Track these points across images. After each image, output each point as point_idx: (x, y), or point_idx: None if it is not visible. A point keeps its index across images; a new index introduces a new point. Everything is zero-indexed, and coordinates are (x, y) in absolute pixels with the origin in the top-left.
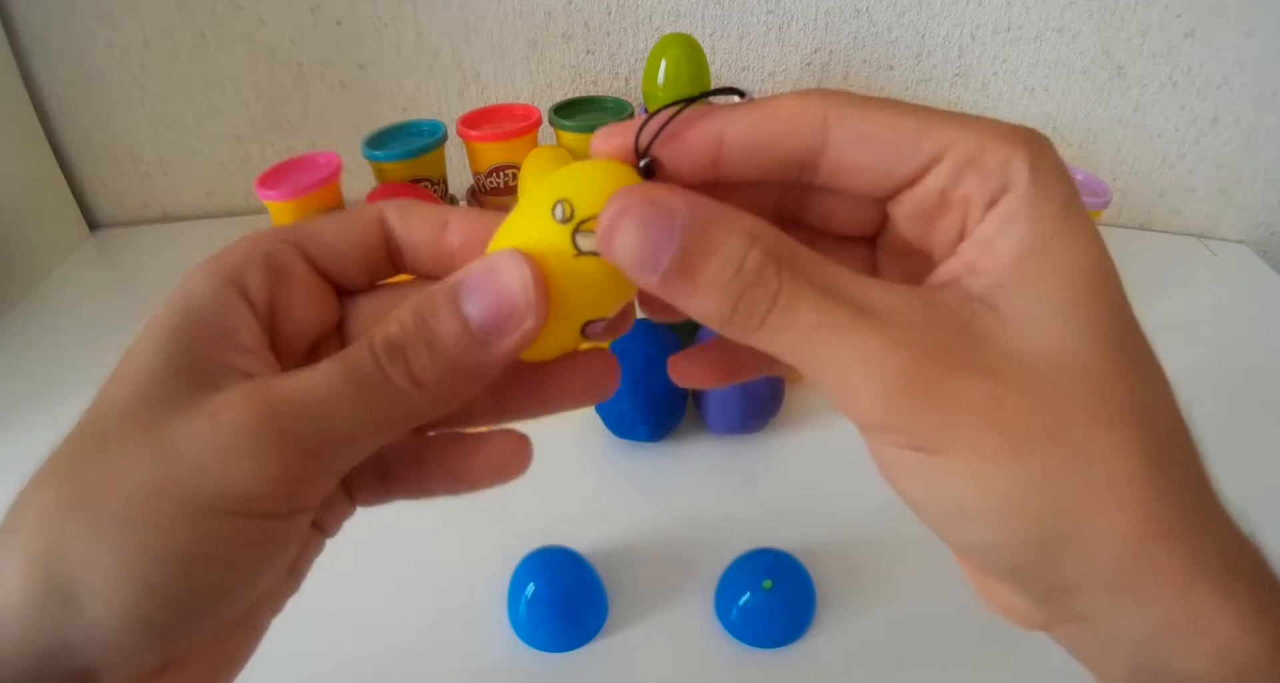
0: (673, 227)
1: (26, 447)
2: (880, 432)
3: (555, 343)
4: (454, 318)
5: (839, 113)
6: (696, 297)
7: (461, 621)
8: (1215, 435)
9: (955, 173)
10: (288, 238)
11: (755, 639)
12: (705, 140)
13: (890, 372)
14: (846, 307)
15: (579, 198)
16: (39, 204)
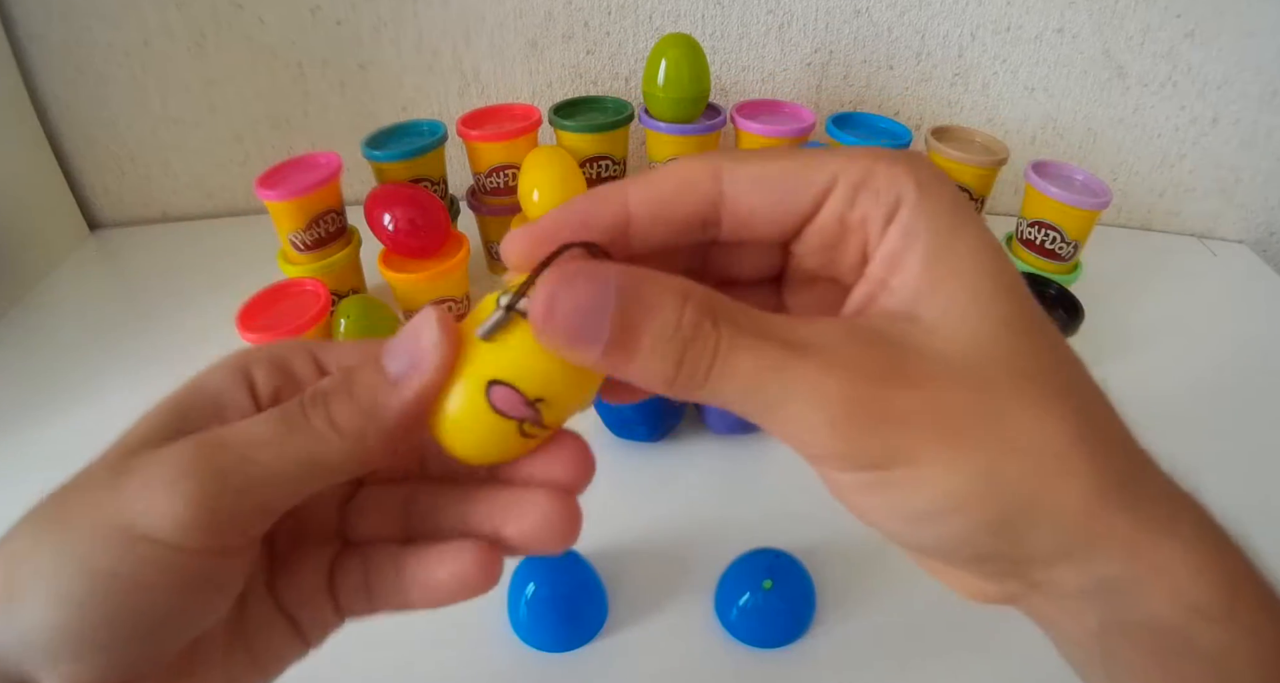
0: (605, 297)
1: (26, 446)
2: (832, 460)
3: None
4: (375, 371)
5: (730, 165)
6: (639, 362)
7: (461, 621)
8: (1216, 435)
9: (849, 197)
10: (309, 350)
11: (755, 639)
12: (613, 214)
13: (832, 398)
14: (781, 346)
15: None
16: (39, 204)
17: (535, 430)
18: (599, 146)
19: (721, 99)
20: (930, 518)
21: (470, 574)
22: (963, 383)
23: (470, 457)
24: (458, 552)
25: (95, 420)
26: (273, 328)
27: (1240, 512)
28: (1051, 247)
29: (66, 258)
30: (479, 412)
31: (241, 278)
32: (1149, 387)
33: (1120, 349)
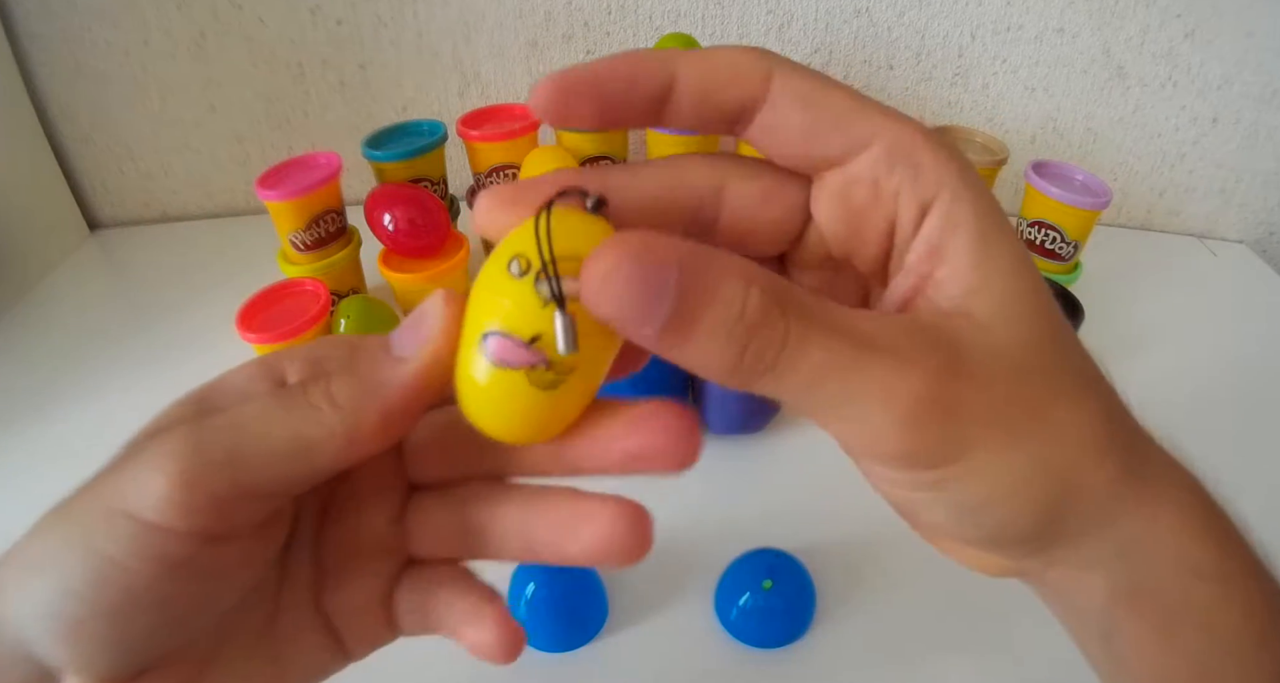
0: (666, 274)
1: (26, 446)
2: (893, 459)
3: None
4: (380, 348)
5: (782, 72)
6: (697, 346)
7: None
8: (1216, 435)
9: (887, 163)
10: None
11: (755, 639)
12: (660, 79)
13: (901, 399)
14: (850, 341)
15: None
16: (39, 204)
17: (548, 376)
18: (599, 146)
19: None
20: (981, 508)
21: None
22: (1014, 379)
23: (498, 428)
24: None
25: (95, 420)
26: (272, 328)
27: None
28: (1051, 247)
29: (66, 258)
30: (481, 371)
31: (241, 278)
32: (1149, 387)
33: (1120, 349)
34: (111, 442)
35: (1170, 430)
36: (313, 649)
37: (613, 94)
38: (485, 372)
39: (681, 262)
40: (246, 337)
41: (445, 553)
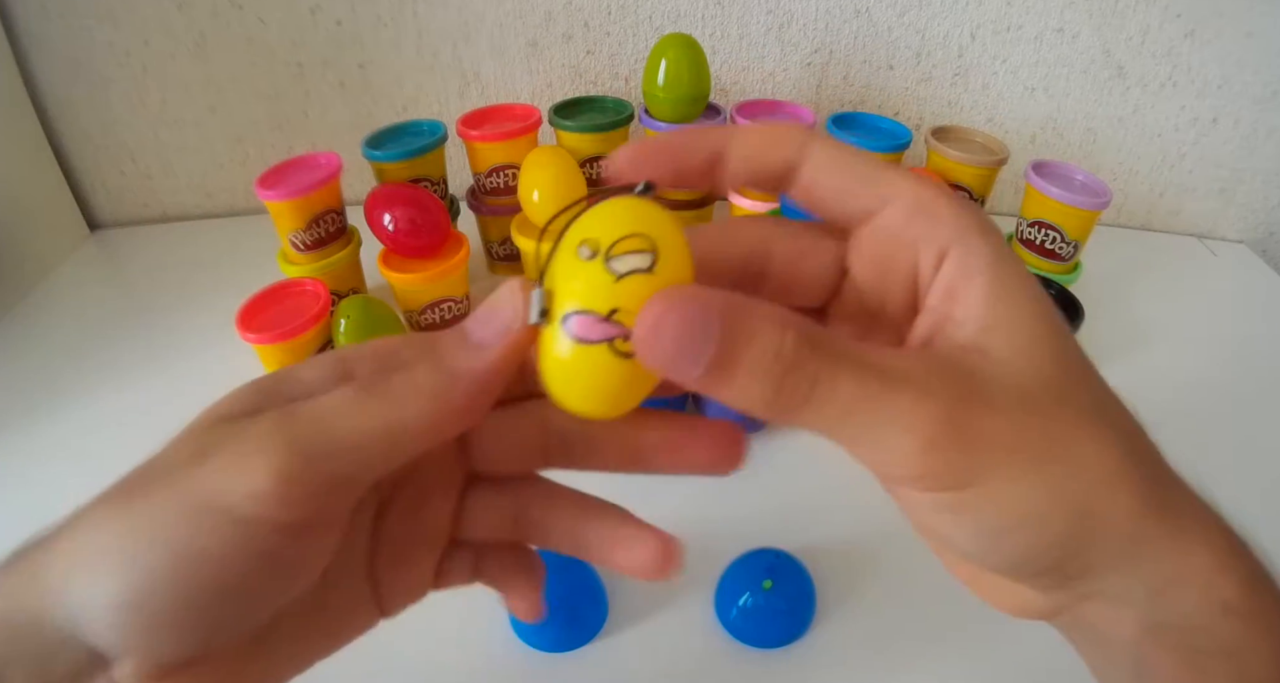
0: (710, 321)
1: (27, 446)
2: (915, 482)
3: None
4: (458, 335)
5: (817, 141)
6: (738, 384)
7: (461, 621)
8: (1216, 435)
9: (908, 216)
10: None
11: (755, 639)
12: (713, 146)
13: (924, 423)
14: (875, 374)
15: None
16: (39, 204)
17: (628, 346)
18: (599, 146)
19: (721, 99)
20: (1004, 533)
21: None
22: (1030, 410)
23: (583, 403)
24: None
25: (95, 420)
26: (273, 328)
27: (1240, 510)
28: (1051, 247)
29: (66, 258)
30: (565, 349)
31: (241, 278)
32: (1149, 387)
33: (1120, 349)
34: (111, 441)
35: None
36: (360, 616)
37: (677, 161)
38: (569, 349)
39: (723, 310)
40: (246, 337)
41: (496, 537)
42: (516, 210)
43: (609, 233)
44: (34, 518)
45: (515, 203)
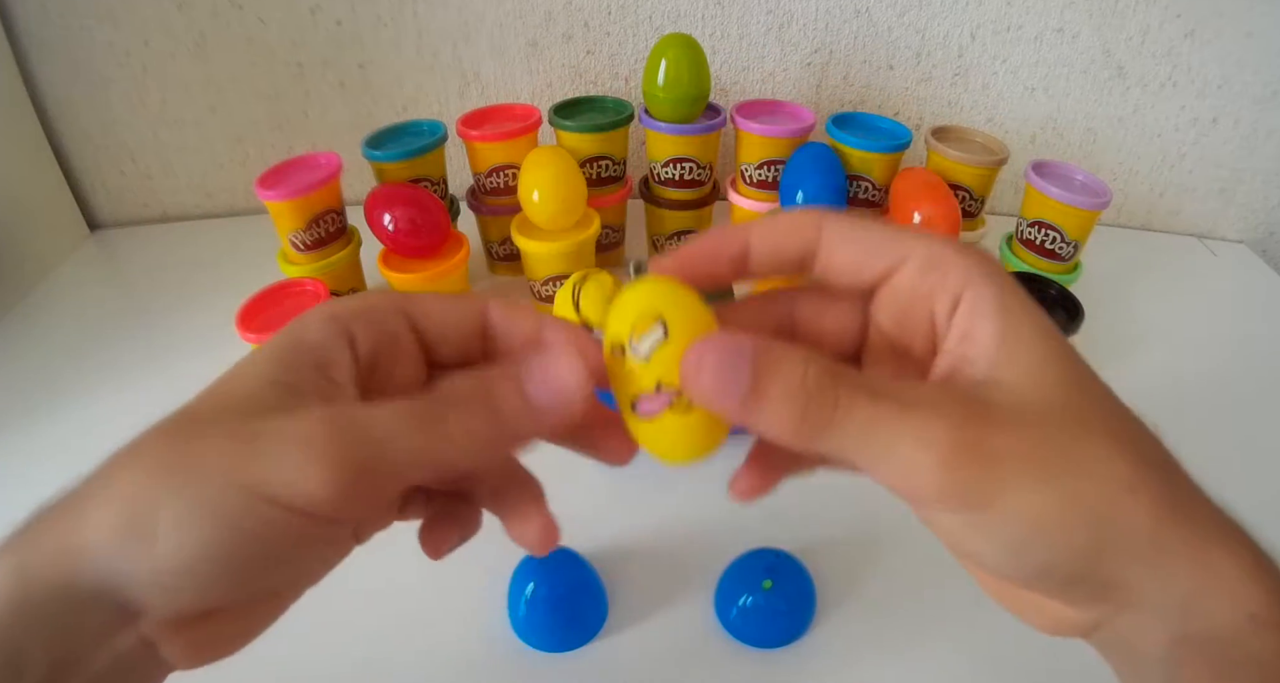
0: (743, 359)
1: (28, 445)
2: (937, 501)
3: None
4: (515, 391)
5: (830, 222)
6: (770, 411)
7: (461, 621)
8: (1216, 435)
9: (921, 272)
10: (402, 307)
11: (755, 639)
12: (739, 244)
13: (940, 441)
14: (892, 400)
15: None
16: (39, 204)
17: (684, 402)
18: (599, 146)
19: (721, 99)
20: (1027, 544)
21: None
22: (1042, 427)
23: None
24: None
25: (95, 420)
26: (273, 328)
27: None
28: (1051, 247)
29: (66, 258)
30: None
31: (241, 278)
32: (1149, 386)
33: (1120, 349)
34: (111, 441)
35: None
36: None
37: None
38: (648, 427)
39: (753, 348)
40: (246, 337)
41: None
42: (516, 210)
43: (622, 328)
44: None
45: (515, 203)
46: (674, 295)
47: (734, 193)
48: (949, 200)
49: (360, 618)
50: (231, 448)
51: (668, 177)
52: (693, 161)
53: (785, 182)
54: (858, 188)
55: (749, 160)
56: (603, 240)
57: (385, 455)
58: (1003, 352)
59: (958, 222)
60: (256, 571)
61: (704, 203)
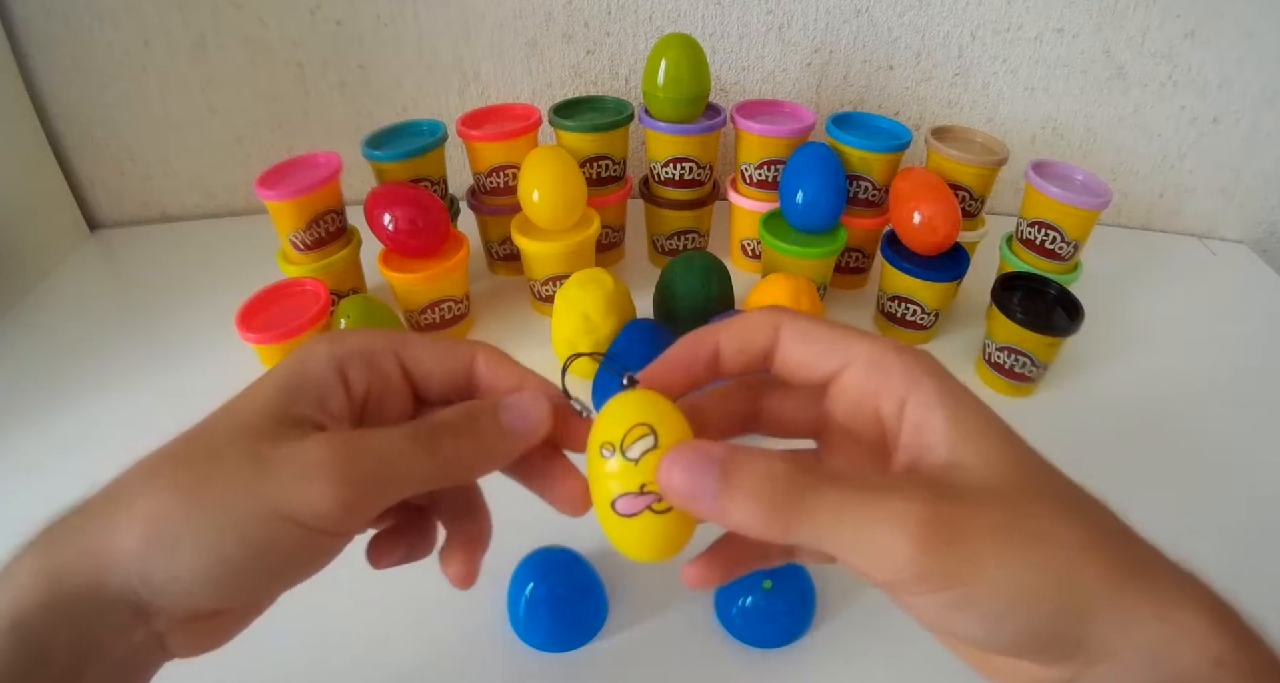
0: (711, 461)
1: (28, 445)
2: (914, 584)
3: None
4: (495, 424)
5: (786, 323)
6: (741, 504)
7: (461, 621)
8: (1216, 434)
9: (866, 373)
10: (396, 350)
11: (755, 639)
12: (709, 348)
13: (912, 521)
14: (859, 486)
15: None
16: (39, 204)
17: (663, 505)
18: (599, 146)
19: (721, 99)
20: (1005, 616)
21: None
22: (1003, 504)
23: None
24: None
25: (95, 419)
26: (272, 328)
27: (1241, 508)
28: (1051, 247)
29: (66, 258)
30: (622, 526)
31: (241, 278)
32: (1149, 386)
33: (1120, 349)
34: (111, 441)
35: (1170, 430)
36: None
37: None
38: (625, 525)
39: (723, 452)
40: (246, 337)
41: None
42: (516, 210)
43: (617, 432)
44: (35, 517)
45: (515, 203)
46: (660, 408)
47: (734, 193)
48: (949, 200)
49: (361, 618)
50: (249, 472)
51: (668, 177)
52: (693, 161)
53: (785, 182)
54: (858, 188)
55: (749, 160)
56: (603, 240)
57: (386, 475)
58: (957, 434)
59: (958, 222)
60: (267, 578)
61: (704, 203)
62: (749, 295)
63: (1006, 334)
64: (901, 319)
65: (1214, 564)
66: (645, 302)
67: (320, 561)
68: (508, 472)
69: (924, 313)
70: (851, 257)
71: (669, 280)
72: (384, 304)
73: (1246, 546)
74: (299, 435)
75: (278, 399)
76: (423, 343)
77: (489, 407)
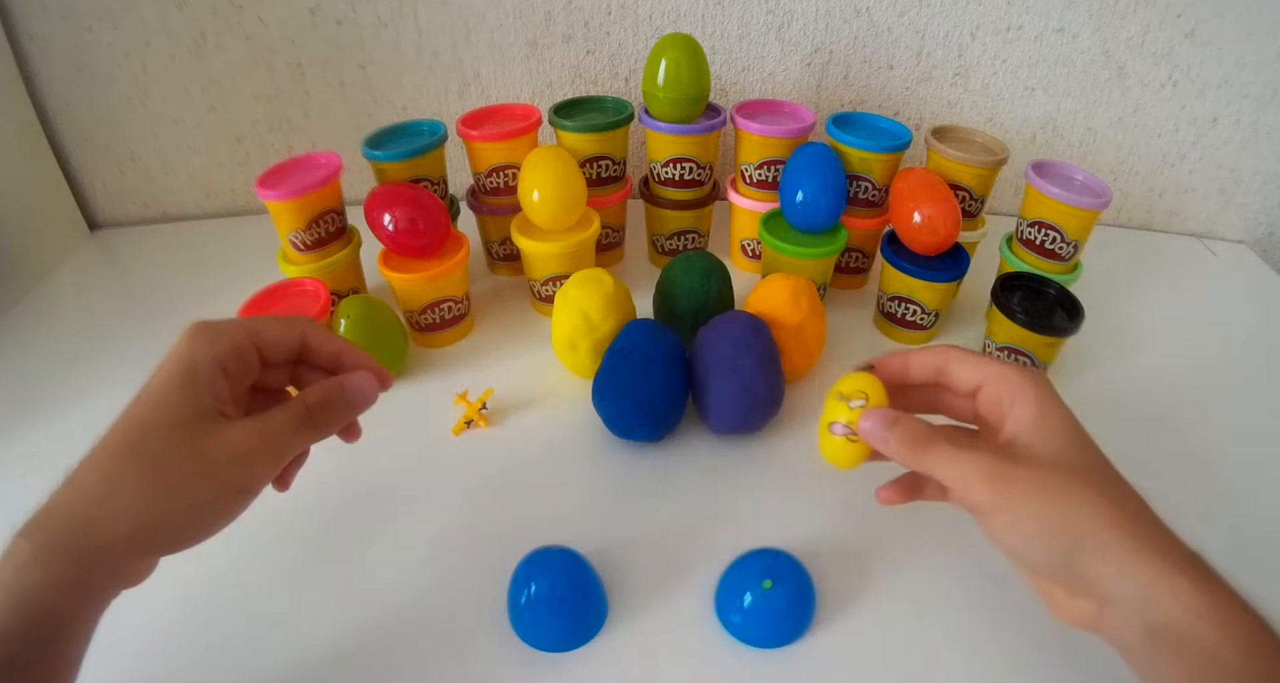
0: (886, 418)
1: (28, 445)
2: (986, 507)
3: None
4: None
5: (954, 356)
6: (895, 442)
7: (462, 621)
8: (1216, 434)
9: (997, 385)
10: (250, 336)
11: (755, 639)
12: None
13: (984, 470)
14: (962, 445)
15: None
16: (39, 204)
17: (855, 436)
18: (599, 146)
19: (721, 99)
20: (1035, 540)
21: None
22: (1048, 473)
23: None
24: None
25: (95, 419)
26: None
27: (1240, 507)
28: (1051, 247)
29: (66, 258)
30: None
31: (241, 278)
32: (1149, 386)
33: (1120, 349)
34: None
35: (1170, 429)
36: None
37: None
38: (832, 441)
39: (894, 415)
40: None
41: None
42: (516, 210)
43: (849, 390)
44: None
45: (515, 203)
46: (876, 386)
47: (734, 193)
48: (949, 200)
49: (361, 618)
50: (197, 464)
51: (668, 176)
52: (693, 161)
53: (785, 181)
54: (858, 188)
55: (749, 160)
56: (603, 240)
57: (287, 448)
58: (1035, 426)
59: (957, 221)
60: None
61: (704, 203)
62: (749, 295)
63: (1006, 334)
64: (901, 319)
65: (1214, 562)
66: (645, 302)
67: (239, 510)
68: None
69: (924, 313)
70: (851, 257)
71: (669, 280)
72: (384, 304)
73: (1246, 545)
74: (217, 425)
75: (184, 396)
76: (266, 324)
77: (337, 386)
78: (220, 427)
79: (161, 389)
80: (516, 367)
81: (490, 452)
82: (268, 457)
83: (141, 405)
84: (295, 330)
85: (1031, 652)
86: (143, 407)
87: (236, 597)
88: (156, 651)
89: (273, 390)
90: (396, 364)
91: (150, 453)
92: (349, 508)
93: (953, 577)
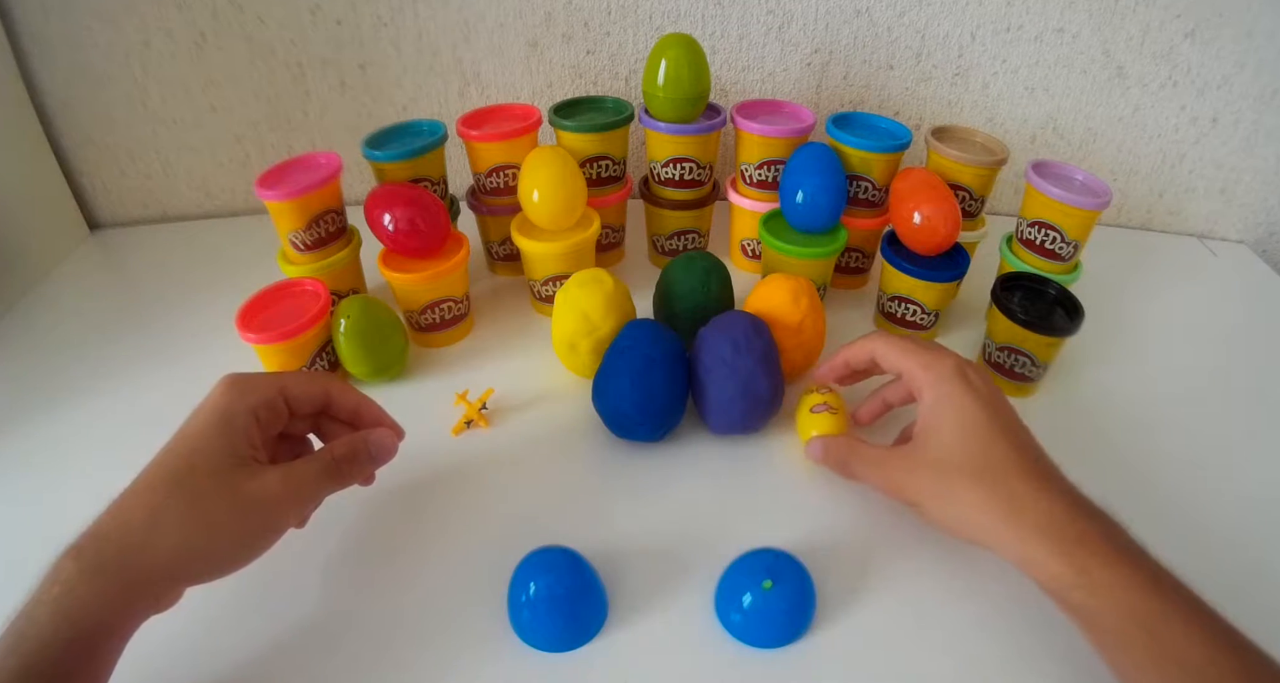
0: (823, 444)
1: (27, 444)
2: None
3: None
4: (367, 453)
5: (880, 341)
6: (829, 462)
7: (462, 621)
8: (1216, 434)
9: (909, 382)
10: (280, 390)
11: (755, 639)
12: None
13: (887, 482)
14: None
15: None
16: (39, 204)
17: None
18: (599, 146)
19: (721, 99)
20: (945, 530)
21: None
22: (939, 473)
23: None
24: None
25: (95, 419)
26: (272, 328)
27: (1240, 508)
28: (1051, 247)
29: (66, 258)
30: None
31: (241, 278)
32: (1149, 386)
33: (1120, 349)
34: (111, 440)
35: (1170, 429)
36: None
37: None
38: (812, 417)
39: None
40: (246, 337)
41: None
42: (516, 210)
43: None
44: (35, 516)
45: (515, 203)
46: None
47: (734, 193)
48: (949, 200)
49: (361, 618)
50: (239, 506)
51: (668, 176)
52: (693, 161)
53: (785, 181)
54: (858, 188)
55: (749, 160)
56: (603, 240)
57: (314, 495)
58: (929, 427)
59: (958, 221)
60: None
61: (704, 203)
62: (749, 295)
63: (1006, 334)
64: (901, 319)
65: (1214, 563)
66: (645, 302)
67: (269, 546)
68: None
69: (924, 313)
70: (851, 257)
71: (669, 280)
72: (384, 304)
73: (1246, 545)
74: (252, 470)
75: (222, 441)
76: (295, 380)
77: (362, 441)
78: (255, 471)
79: (200, 433)
80: (516, 367)
81: (490, 452)
82: (296, 501)
83: (182, 445)
84: (320, 386)
85: (1031, 652)
86: (183, 447)
87: (234, 596)
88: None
89: (296, 437)
90: (396, 364)
91: (192, 490)
92: (348, 508)
93: (953, 577)
